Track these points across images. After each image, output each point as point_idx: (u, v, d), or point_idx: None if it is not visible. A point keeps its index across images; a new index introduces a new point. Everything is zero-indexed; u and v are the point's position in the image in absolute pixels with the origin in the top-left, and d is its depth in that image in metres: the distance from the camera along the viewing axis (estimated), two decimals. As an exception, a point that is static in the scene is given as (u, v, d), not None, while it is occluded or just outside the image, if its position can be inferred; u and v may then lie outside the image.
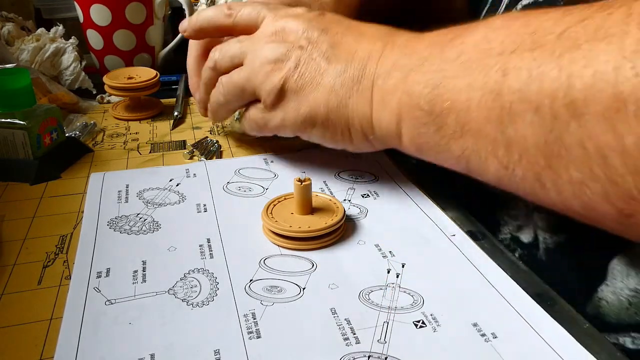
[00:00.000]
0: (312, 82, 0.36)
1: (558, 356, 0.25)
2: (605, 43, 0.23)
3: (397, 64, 0.33)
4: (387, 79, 0.33)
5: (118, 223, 0.36)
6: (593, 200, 0.25)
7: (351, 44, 0.36)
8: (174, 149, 0.48)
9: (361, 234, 0.35)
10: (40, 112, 0.43)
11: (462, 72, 0.29)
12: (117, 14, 0.64)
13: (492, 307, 0.28)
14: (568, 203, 0.26)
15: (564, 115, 0.24)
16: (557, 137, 0.25)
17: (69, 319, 0.27)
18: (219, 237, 0.34)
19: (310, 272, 0.31)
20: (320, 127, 0.37)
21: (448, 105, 0.29)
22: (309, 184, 0.34)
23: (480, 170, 0.30)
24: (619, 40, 0.22)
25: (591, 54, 0.23)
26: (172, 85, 0.64)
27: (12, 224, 0.36)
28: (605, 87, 0.22)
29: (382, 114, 0.34)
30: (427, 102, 0.31)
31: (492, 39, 0.28)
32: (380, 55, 0.34)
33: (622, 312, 0.30)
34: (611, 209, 0.24)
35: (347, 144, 0.37)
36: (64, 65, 0.61)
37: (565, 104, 0.24)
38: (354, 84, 0.35)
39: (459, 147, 0.30)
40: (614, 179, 0.23)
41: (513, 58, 0.26)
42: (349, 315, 0.28)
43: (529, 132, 0.26)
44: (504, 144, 0.27)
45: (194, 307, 0.28)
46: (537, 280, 0.31)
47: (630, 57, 0.22)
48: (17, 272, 0.31)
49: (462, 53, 0.29)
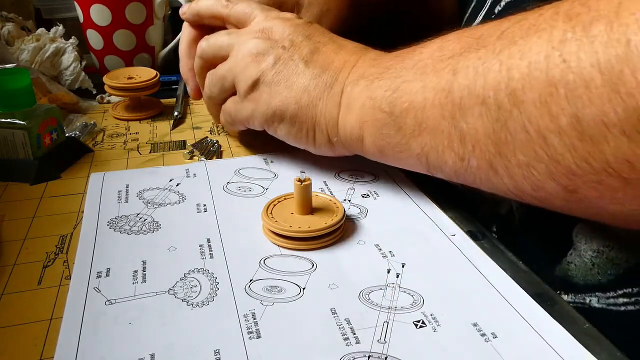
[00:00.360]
0: (288, 80, 0.38)
1: (558, 356, 0.25)
2: (536, 37, 0.26)
3: (365, 73, 0.36)
4: (355, 87, 0.36)
5: (118, 223, 0.36)
6: (540, 180, 0.27)
7: (329, 54, 0.38)
8: (174, 149, 0.48)
9: (361, 234, 0.35)
10: (40, 112, 0.43)
11: (419, 76, 0.32)
12: (117, 14, 0.64)
13: (492, 307, 0.28)
14: (519, 186, 0.29)
15: (506, 104, 0.27)
16: (502, 125, 0.27)
17: (69, 319, 0.27)
18: (219, 237, 0.34)
19: (310, 272, 0.31)
20: (288, 123, 0.39)
21: (406, 106, 0.32)
22: (309, 184, 0.34)
23: (439, 165, 0.32)
24: (548, 34, 0.25)
25: (525, 47, 0.26)
26: (172, 85, 0.64)
27: (12, 224, 0.36)
28: (539, 74, 0.25)
29: (347, 117, 0.36)
30: (388, 104, 0.33)
31: (445, 47, 0.32)
32: (353, 66, 0.37)
33: (587, 274, 0.32)
34: (557, 187, 0.27)
35: (310, 143, 0.40)
36: (64, 65, 0.61)
37: (507, 94, 0.27)
38: (325, 87, 0.37)
39: (418, 145, 0.33)
40: (555, 157, 0.26)
41: (461, 59, 0.30)
42: (349, 315, 0.28)
43: (479, 124, 0.29)
44: (458, 137, 0.30)
45: (194, 307, 0.28)
46: (537, 280, 0.31)
47: (557, 47, 0.25)
48: (17, 272, 0.31)
49: (419, 60, 0.33)
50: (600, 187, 0.25)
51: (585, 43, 0.23)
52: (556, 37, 0.25)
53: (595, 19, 0.24)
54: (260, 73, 0.39)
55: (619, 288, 0.31)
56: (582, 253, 0.33)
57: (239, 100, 0.41)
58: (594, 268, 0.32)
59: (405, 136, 0.33)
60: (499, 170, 0.29)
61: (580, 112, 0.24)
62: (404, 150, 0.34)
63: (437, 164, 0.32)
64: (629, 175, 0.24)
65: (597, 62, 0.23)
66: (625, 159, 0.23)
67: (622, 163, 0.23)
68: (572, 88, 0.24)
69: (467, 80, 0.29)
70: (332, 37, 0.40)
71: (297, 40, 0.39)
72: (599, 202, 0.26)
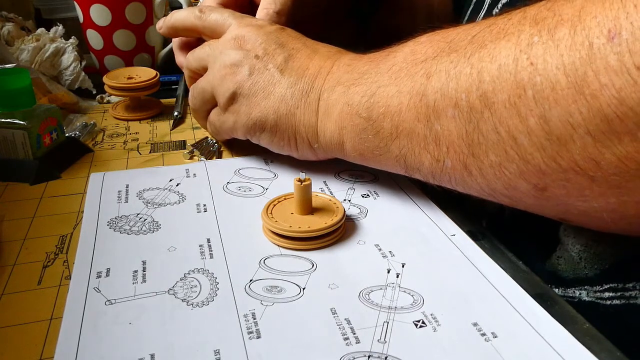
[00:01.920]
0: (265, 90, 0.39)
1: (558, 355, 0.25)
2: (505, 40, 0.27)
3: (341, 79, 0.37)
4: (331, 93, 0.37)
5: (118, 223, 0.36)
6: (512, 179, 0.28)
7: (304, 60, 0.39)
8: (174, 149, 0.48)
9: (361, 234, 0.35)
10: (40, 112, 0.43)
11: (393, 80, 0.33)
12: (117, 14, 0.64)
13: (492, 307, 0.28)
14: (492, 186, 0.29)
15: (478, 106, 0.28)
16: (475, 126, 0.28)
17: (69, 319, 0.27)
18: (219, 237, 0.34)
19: (310, 272, 0.31)
20: (269, 133, 0.40)
21: (383, 110, 0.33)
22: (309, 184, 0.34)
23: (416, 166, 0.33)
24: (516, 37, 0.26)
25: (495, 51, 0.27)
26: (172, 85, 0.64)
27: (12, 224, 0.36)
28: (508, 77, 0.26)
29: (326, 124, 0.37)
30: (365, 110, 0.34)
31: (417, 50, 0.32)
32: (328, 72, 0.38)
33: (575, 268, 0.33)
34: (527, 185, 0.28)
35: (293, 150, 0.40)
36: (64, 65, 0.61)
37: (478, 96, 0.27)
38: (302, 96, 0.38)
39: (396, 147, 0.33)
40: (525, 157, 0.26)
41: (434, 63, 0.30)
42: (349, 315, 0.28)
43: (452, 126, 0.29)
44: (433, 138, 0.31)
45: (194, 307, 0.28)
46: (537, 280, 0.31)
47: (525, 50, 0.25)
48: (17, 272, 0.31)
49: (393, 65, 0.33)
50: (568, 185, 0.26)
51: (551, 46, 0.24)
52: (524, 41, 0.26)
53: (560, 23, 0.24)
54: (236, 85, 0.40)
55: (605, 282, 0.32)
56: (569, 247, 0.33)
57: (220, 113, 0.42)
58: (581, 262, 0.33)
59: (383, 139, 0.34)
60: (473, 171, 0.30)
61: (548, 113, 0.25)
62: (383, 153, 0.34)
63: (414, 165, 0.33)
64: (594, 173, 0.24)
65: (563, 65, 0.24)
66: (591, 158, 0.24)
67: (588, 162, 0.24)
68: (539, 90, 0.25)
69: (439, 83, 0.30)
70: (305, 42, 0.40)
71: (270, 48, 0.39)
72: (567, 199, 0.27)
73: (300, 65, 0.39)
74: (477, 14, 0.43)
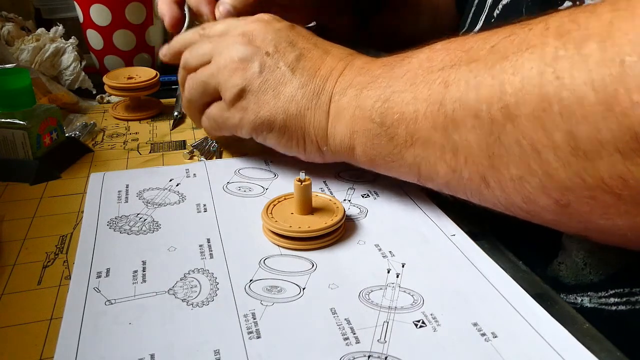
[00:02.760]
0: (275, 89, 0.38)
1: (558, 355, 0.25)
2: (528, 53, 0.26)
3: (353, 82, 0.36)
4: (343, 96, 0.36)
5: (118, 223, 0.36)
6: (533, 194, 0.27)
7: (316, 60, 0.38)
8: (174, 149, 0.48)
9: (361, 234, 0.35)
10: (40, 112, 0.43)
11: (409, 86, 0.32)
12: (117, 14, 0.64)
13: (492, 307, 0.28)
14: (510, 199, 0.29)
15: (499, 118, 0.27)
16: (496, 138, 0.27)
17: (69, 319, 0.27)
18: (219, 237, 0.34)
19: (310, 272, 0.31)
20: (277, 133, 0.38)
21: (398, 117, 0.32)
22: (309, 184, 0.34)
23: (430, 176, 0.33)
24: (540, 50, 0.25)
25: (518, 63, 0.26)
26: (172, 85, 0.64)
27: (12, 224, 0.36)
28: (532, 90, 0.25)
29: (337, 127, 0.36)
30: (379, 115, 0.33)
31: (434, 57, 0.32)
32: (340, 74, 0.37)
33: (578, 274, 0.33)
34: (549, 200, 0.27)
35: (301, 152, 0.39)
36: (64, 65, 0.61)
37: (500, 107, 0.27)
38: (313, 97, 0.37)
39: (410, 155, 0.33)
40: (549, 172, 0.26)
41: (452, 72, 0.30)
42: (349, 315, 0.28)
43: (472, 136, 0.29)
44: (451, 148, 0.30)
45: (194, 307, 0.28)
46: (537, 280, 0.31)
47: (550, 63, 0.25)
48: (17, 272, 0.31)
49: (408, 70, 0.33)
50: (593, 202, 0.25)
51: (578, 61, 0.24)
52: (548, 54, 0.25)
53: (587, 37, 0.24)
54: (246, 81, 0.38)
55: (610, 288, 0.31)
56: (573, 253, 0.33)
57: (225, 108, 0.40)
58: (585, 268, 0.32)
59: (397, 146, 0.33)
60: (491, 183, 0.29)
61: (575, 129, 0.24)
62: (395, 160, 0.34)
63: (428, 174, 0.33)
64: (621, 192, 0.24)
65: (591, 81, 0.23)
66: (619, 176, 0.24)
67: (616, 179, 0.24)
68: (566, 105, 0.24)
69: (459, 92, 0.29)
70: (315, 42, 0.39)
71: (281, 46, 0.38)
72: (590, 216, 0.26)
73: (312, 65, 0.38)
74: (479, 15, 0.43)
